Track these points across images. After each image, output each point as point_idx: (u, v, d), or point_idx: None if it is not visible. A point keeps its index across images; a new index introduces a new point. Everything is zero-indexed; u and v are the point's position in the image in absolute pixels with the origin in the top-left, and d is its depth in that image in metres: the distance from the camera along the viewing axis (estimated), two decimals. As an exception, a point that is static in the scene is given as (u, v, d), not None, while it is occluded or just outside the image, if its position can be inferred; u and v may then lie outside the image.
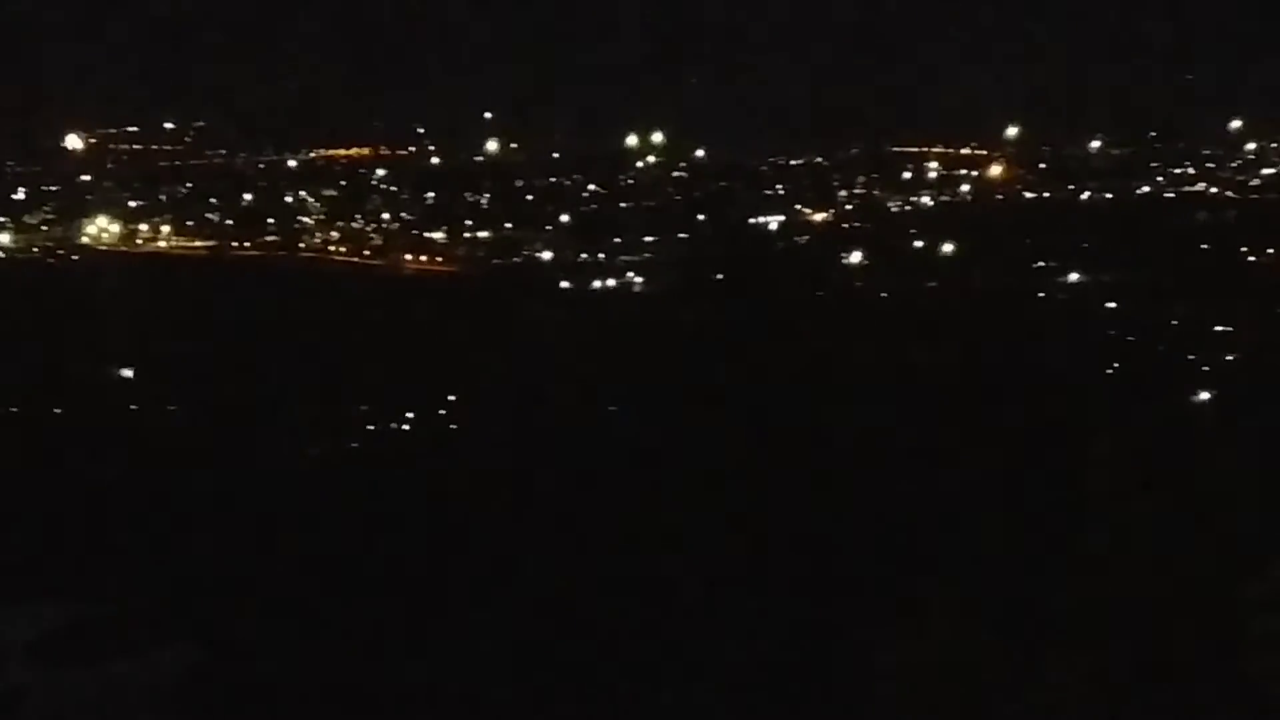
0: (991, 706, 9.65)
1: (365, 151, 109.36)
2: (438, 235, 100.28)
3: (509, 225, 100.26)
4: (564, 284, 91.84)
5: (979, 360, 57.72)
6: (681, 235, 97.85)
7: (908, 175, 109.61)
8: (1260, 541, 10.19)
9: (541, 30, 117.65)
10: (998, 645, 9.81)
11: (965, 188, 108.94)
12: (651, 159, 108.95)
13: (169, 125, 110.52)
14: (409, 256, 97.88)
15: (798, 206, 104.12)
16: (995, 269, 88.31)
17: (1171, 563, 10.29)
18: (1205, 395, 60.43)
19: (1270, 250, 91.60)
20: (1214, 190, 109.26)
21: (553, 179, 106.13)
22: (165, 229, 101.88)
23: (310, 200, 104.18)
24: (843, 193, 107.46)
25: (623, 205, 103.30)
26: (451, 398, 62.17)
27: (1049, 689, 9.44)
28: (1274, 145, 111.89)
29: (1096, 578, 10.16)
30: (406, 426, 61.93)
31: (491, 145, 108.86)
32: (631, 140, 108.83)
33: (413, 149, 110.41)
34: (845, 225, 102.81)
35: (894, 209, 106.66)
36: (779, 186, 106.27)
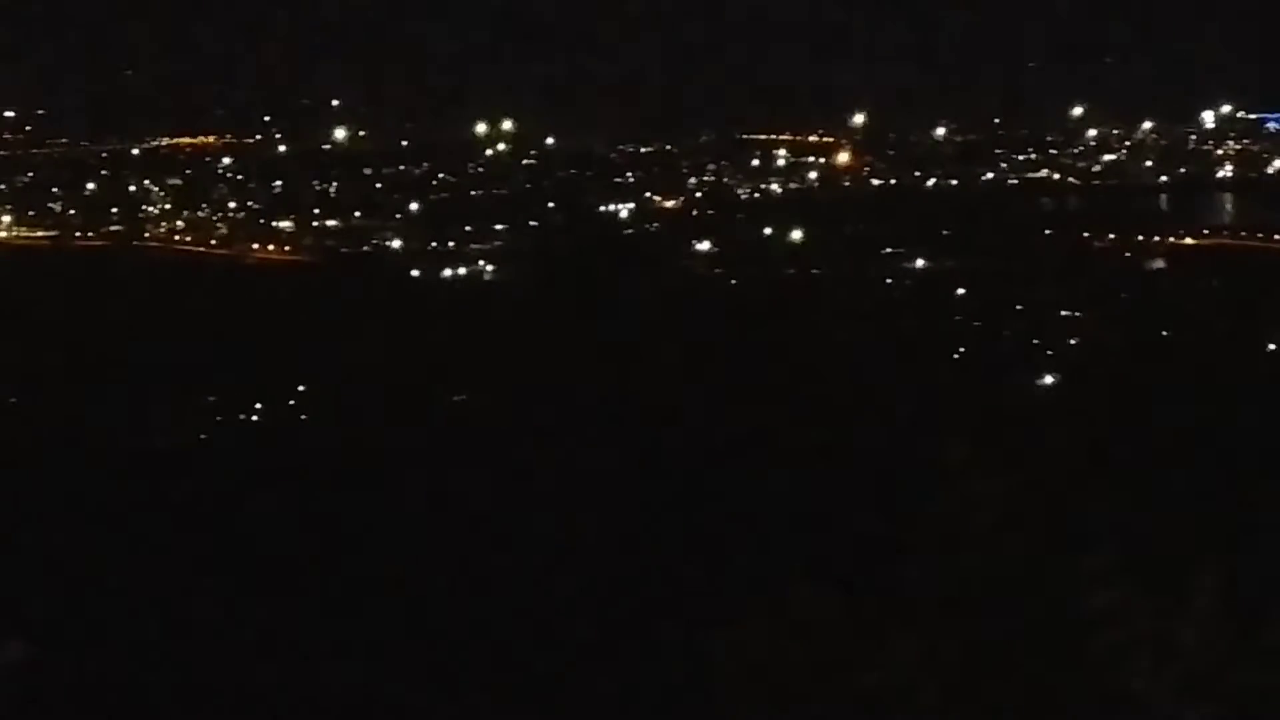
0: (830, 692, 9.66)
1: (210, 140, 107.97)
2: (285, 224, 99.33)
3: (358, 214, 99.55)
4: (414, 273, 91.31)
5: (826, 345, 58.17)
6: (532, 223, 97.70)
7: (756, 163, 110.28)
8: (1098, 519, 10.30)
9: (391, 16, 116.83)
10: (837, 630, 9.81)
11: (813, 175, 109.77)
12: (502, 147, 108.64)
13: (9, 114, 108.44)
14: (256, 246, 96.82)
15: (648, 194, 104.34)
16: (843, 255, 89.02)
17: (1011, 543, 10.36)
18: (1050, 379, 61.30)
19: (1112, 235, 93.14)
20: (1057, 177, 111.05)
21: (402, 167, 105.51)
22: (6, 219, 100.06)
23: (155, 189, 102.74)
24: (692, 180, 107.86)
25: (473, 193, 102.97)
26: (301, 388, 61.66)
27: (889, 671, 9.46)
28: (1115, 132, 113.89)
29: (936, 560, 10.20)
30: (256, 417, 61.33)
31: (339, 133, 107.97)
32: (481, 128, 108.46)
33: (259, 137, 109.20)
34: (695, 213, 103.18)
35: (743, 196, 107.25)
36: (629, 174, 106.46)
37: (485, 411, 41.44)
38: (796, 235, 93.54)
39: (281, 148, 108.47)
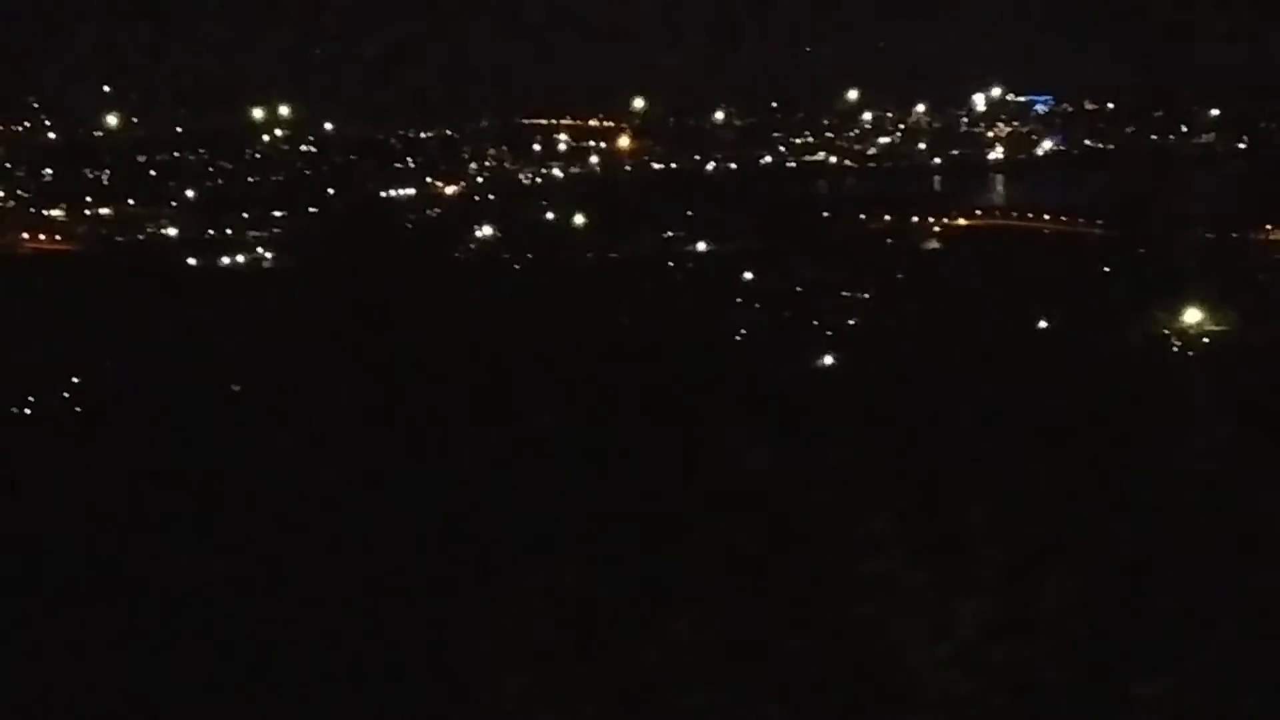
0: (611, 670, 9.71)
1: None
2: (57, 213, 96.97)
3: (131, 202, 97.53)
4: (191, 261, 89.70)
5: (607, 329, 58.24)
6: (311, 210, 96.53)
7: (538, 147, 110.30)
8: (874, 489, 10.47)
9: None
10: (613, 607, 9.87)
11: (595, 159, 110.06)
12: (279, 133, 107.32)
13: None
14: (26, 235, 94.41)
15: (429, 179, 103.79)
16: (625, 239, 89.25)
17: (789, 517, 10.50)
18: (829, 359, 62.02)
19: (888, 217, 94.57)
20: (833, 159, 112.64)
21: (176, 154, 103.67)
22: None
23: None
24: (473, 165, 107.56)
25: (250, 180, 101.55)
26: (75, 380, 60.31)
27: (666, 647, 9.55)
28: (889, 115, 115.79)
29: (711, 536, 10.32)
30: (28, 410, 59.93)
31: (111, 120, 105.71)
32: (258, 114, 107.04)
33: (27, 124, 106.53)
34: (477, 198, 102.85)
35: (525, 181, 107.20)
36: (409, 159, 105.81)
37: (263, 402, 40.82)
38: (579, 219, 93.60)
39: (51, 135, 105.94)
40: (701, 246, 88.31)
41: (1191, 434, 18.17)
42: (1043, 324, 64.47)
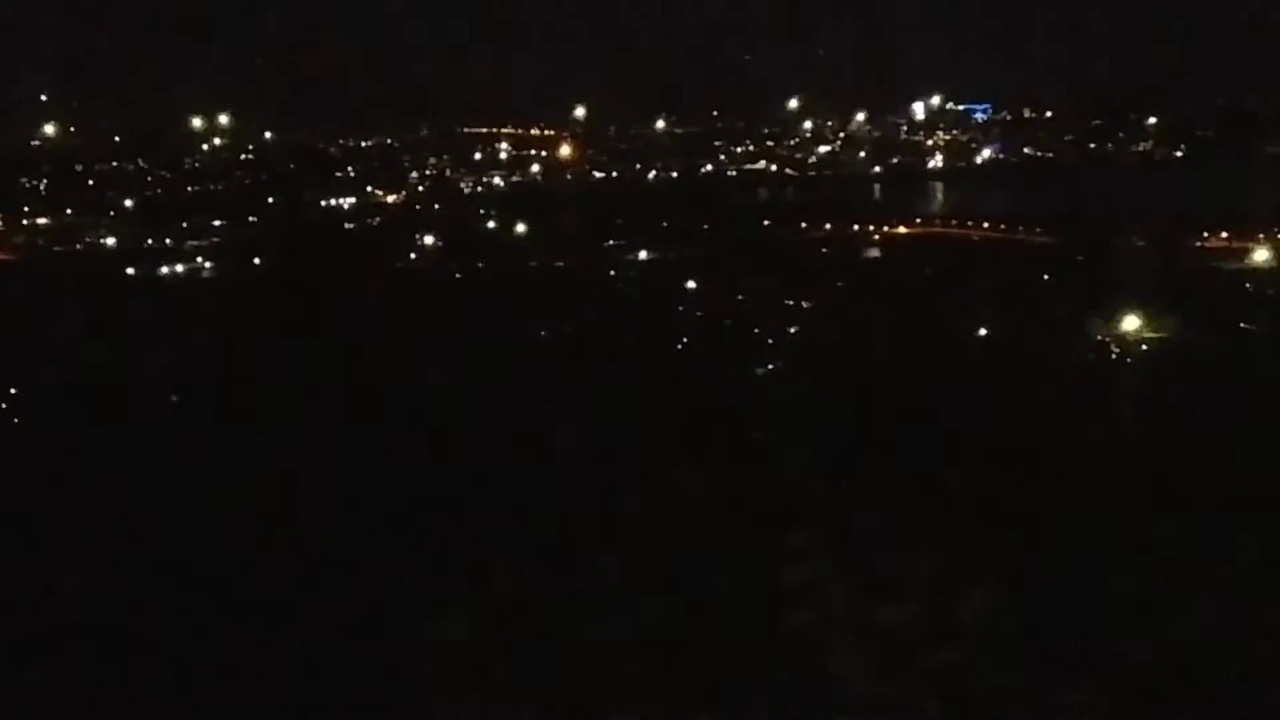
0: (533, 672, 9.71)
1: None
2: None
3: (69, 211, 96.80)
4: (130, 270, 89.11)
5: (549, 337, 58.21)
6: (251, 219, 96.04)
7: (479, 156, 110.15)
8: (808, 495, 10.49)
9: (100, 9, 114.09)
10: (541, 610, 9.87)
11: (536, 168, 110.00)
12: (218, 142, 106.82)
13: None
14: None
15: (369, 188, 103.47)
16: (567, 248, 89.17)
17: (719, 525, 10.52)
18: (771, 366, 62.10)
19: (828, 225, 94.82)
20: (774, 168, 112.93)
21: (115, 163, 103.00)
22: None
23: None
24: (414, 174, 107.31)
25: (189, 189, 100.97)
26: (12, 390, 59.91)
27: (587, 649, 9.57)
28: (830, 123, 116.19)
29: (642, 542, 10.33)
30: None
31: (48, 129, 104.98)
32: (197, 123, 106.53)
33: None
34: (418, 206, 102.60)
35: (466, 189, 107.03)
36: (350, 168, 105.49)
37: (201, 411, 40.64)
38: (521, 228, 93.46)
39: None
40: (643, 255, 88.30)
41: (1126, 438, 18.32)
42: (983, 331, 64.71)
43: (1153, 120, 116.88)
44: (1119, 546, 11.02)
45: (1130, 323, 63.24)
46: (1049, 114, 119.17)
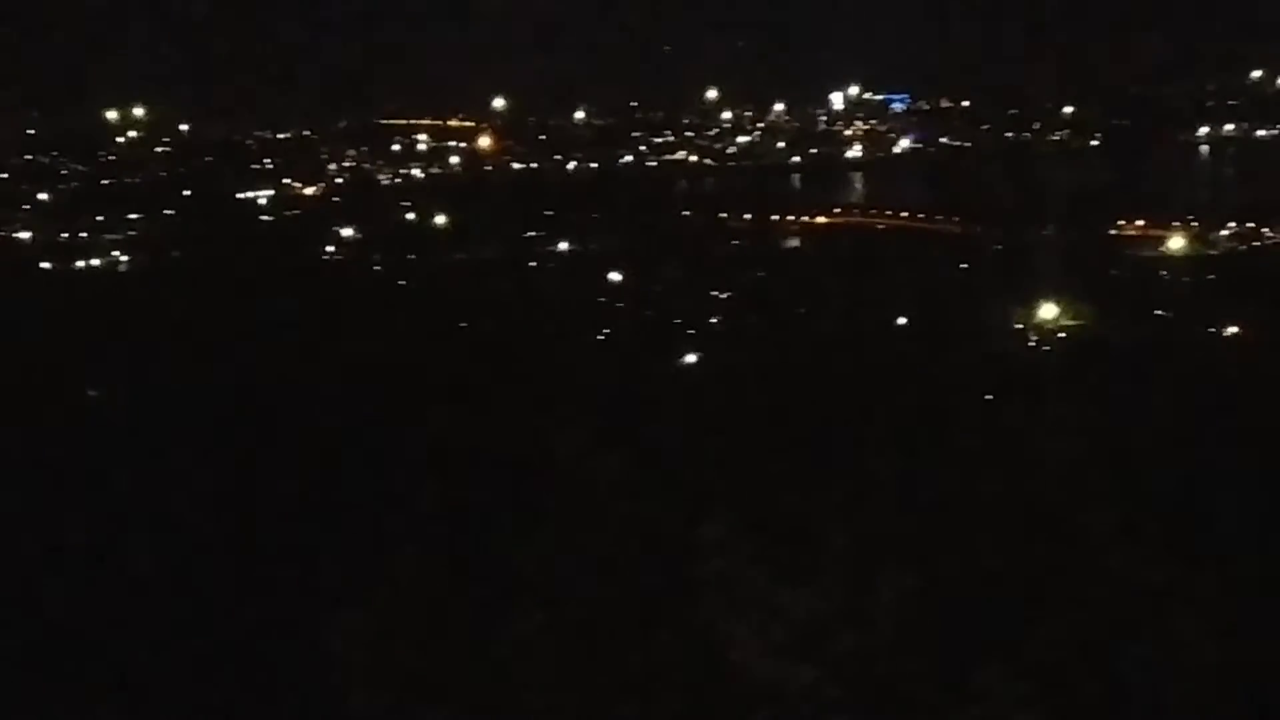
0: (449, 667, 9.67)
1: None
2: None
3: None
4: (45, 265, 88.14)
5: (468, 329, 58.03)
6: (168, 212, 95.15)
7: (397, 148, 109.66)
8: (724, 486, 10.50)
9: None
10: (453, 605, 9.84)
11: (455, 159, 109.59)
12: (134, 134, 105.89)
13: None
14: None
15: (287, 180, 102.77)
16: (487, 239, 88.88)
17: (629, 517, 10.53)
18: (691, 357, 62.13)
19: (748, 216, 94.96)
20: (694, 159, 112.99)
21: (29, 157, 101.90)
22: None
23: None
24: (332, 166, 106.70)
25: (105, 182, 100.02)
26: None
27: (506, 647, 9.54)
28: (748, 114, 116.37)
29: (551, 534, 10.32)
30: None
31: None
32: (112, 115, 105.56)
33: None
34: (336, 199, 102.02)
35: (385, 181, 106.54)
36: (267, 160, 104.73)
37: (120, 407, 40.28)
38: (440, 220, 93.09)
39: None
40: (563, 246, 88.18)
41: (1039, 427, 18.41)
42: (901, 320, 65.01)
43: (1068, 109, 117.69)
44: (1029, 533, 11.09)
45: (1047, 311, 63.69)
46: (965, 104, 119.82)
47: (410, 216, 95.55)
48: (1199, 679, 9.58)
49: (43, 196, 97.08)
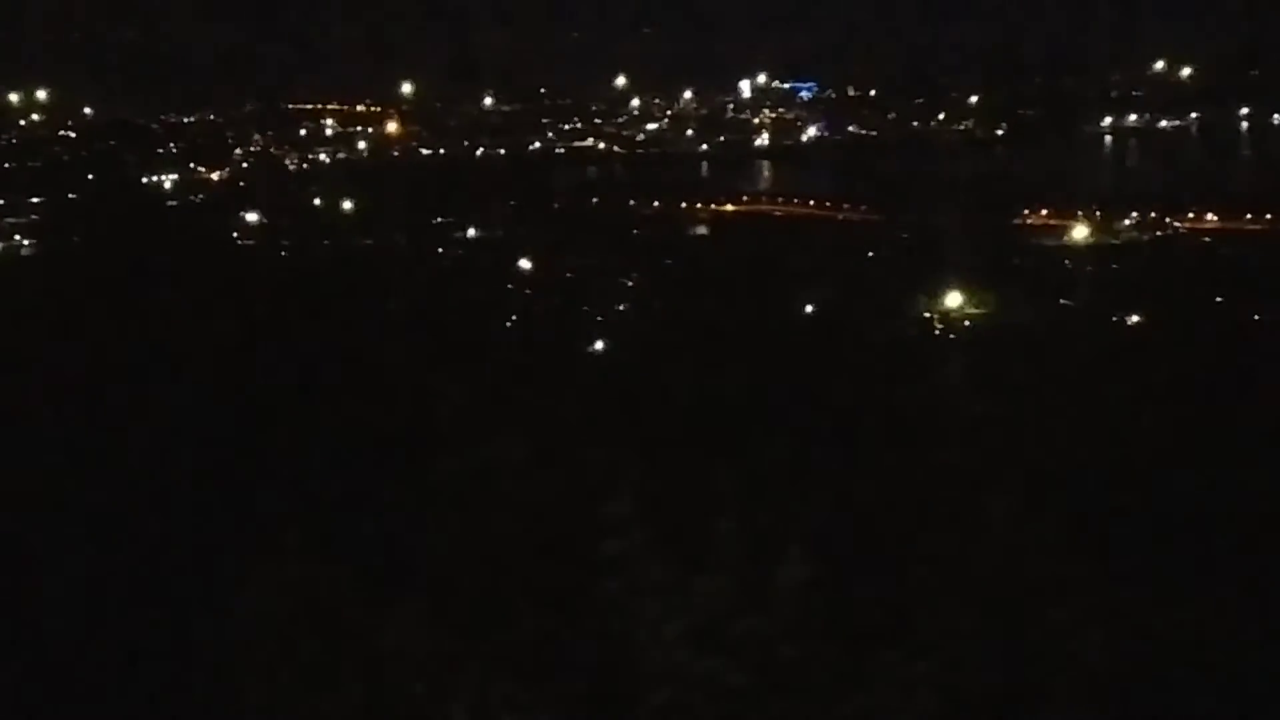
0: (346, 664, 9.60)
1: None
2: None
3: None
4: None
5: (377, 315, 57.71)
6: (70, 195, 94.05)
7: (304, 133, 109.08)
8: (626, 473, 10.45)
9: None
10: (349, 600, 9.76)
11: (362, 145, 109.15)
12: (36, 117, 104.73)
13: None
14: None
15: (192, 165, 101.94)
16: (394, 225, 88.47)
17: (529, 501, 10.47)
18: (600, 344, 62.09)
19: (656, 203, 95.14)
20: (602, 146, 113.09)
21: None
22: None
23: None
24: (238, 150, 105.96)
25: (5, 166, 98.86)
26: None
27: (402, 628, 9.48)
28: (657, 101, 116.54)
29: (453, 521, 10.25)
30: None
31: None
32: (13, 98, 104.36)
33: None
34: (242, 183, 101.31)
35: (291, 166, 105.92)
36: (172, 145, 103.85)
37: (11, 397, 39.68)
38: (347, 205, 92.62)
39: None
40: (471, 233, 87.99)
41: (942, 414, 18.50)
42: (808, 308, 65.25)
43: (974, 99, 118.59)
44: (933, 516, 11.13)
45: (953, 299, 64.10)
46: (872, 92, 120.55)
47: (317, 201, 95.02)
48: (1091, 665, 9.65)
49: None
